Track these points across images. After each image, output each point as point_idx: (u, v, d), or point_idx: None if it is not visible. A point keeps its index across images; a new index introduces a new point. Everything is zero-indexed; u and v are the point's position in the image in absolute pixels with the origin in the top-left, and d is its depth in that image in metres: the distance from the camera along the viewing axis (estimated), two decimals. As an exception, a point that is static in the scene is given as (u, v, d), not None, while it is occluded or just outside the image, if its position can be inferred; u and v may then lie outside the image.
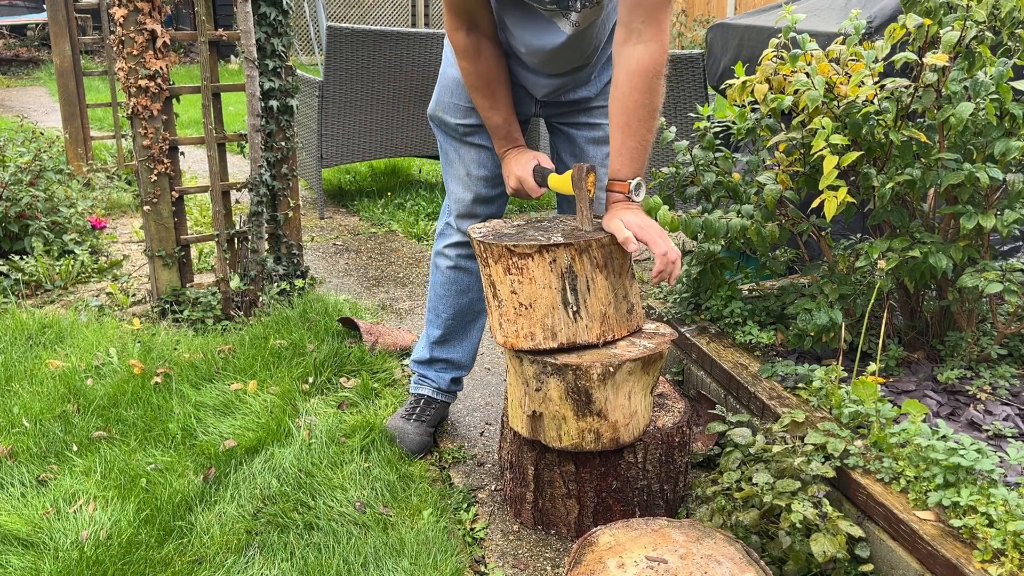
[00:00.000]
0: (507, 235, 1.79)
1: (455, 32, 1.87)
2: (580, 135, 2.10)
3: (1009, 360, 2.14)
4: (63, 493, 1.97)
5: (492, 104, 1.94)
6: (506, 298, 1.76)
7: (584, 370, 1.70)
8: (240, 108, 7.92)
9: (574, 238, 1.71)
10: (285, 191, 3.17)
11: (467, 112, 2.05)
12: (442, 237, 2.24)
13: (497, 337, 1.83)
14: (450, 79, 2.06)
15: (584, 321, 1.76)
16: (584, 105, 2.07)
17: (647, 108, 1.69)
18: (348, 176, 5.53)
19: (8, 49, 11.75)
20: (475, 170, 2.10)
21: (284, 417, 2.31)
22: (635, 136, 1.70)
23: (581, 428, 1.77)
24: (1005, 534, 1.40)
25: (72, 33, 4.63)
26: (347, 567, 1.75)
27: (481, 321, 2.32)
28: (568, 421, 1.77)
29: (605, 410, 1.74)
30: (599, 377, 1.71)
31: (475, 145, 2.09)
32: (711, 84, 3.34)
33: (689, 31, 9.76)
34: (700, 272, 2.45)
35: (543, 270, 1.71)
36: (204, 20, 2.83)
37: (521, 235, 1.79)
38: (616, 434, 1.78)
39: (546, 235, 1.77)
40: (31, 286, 3.35)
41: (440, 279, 2.25)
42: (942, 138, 1.96)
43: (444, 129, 2.11)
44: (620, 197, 1.74)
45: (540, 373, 1.76)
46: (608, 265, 1.75)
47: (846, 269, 2.12)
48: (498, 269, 1.75)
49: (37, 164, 3.83)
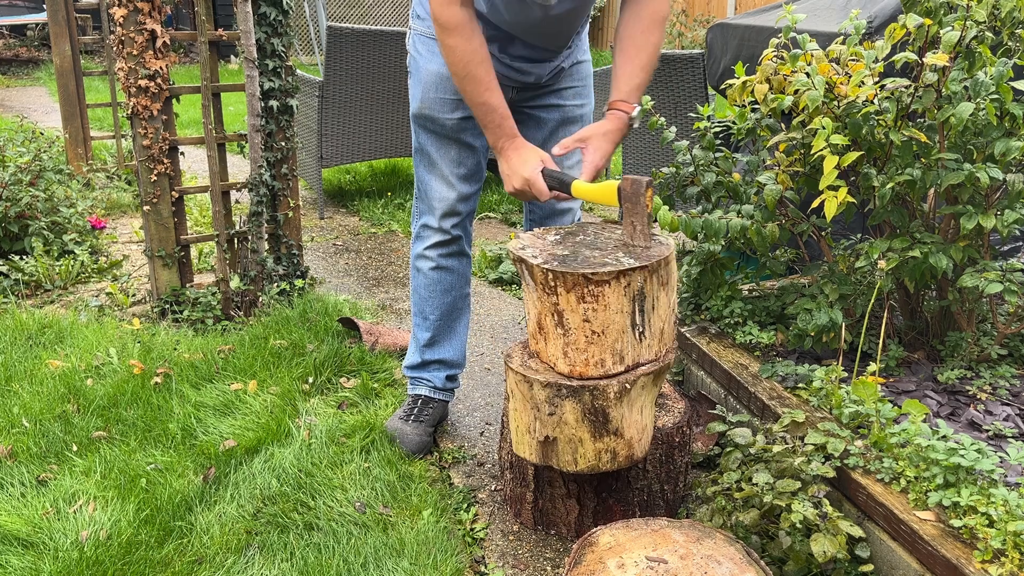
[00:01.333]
0: (563, 256, 1.70)
1: (448, 5, 1.76)
2: (550, 117, 2.11)
3: (1009, 360, 2.14)
4: (63, 493, 1.97)
5: (488, 86, 1.83)
6: (576, 327, 1.66)
7: (601, 390, 1.65)
8: (240, 108, 7.92)
9: (643, 258, 1.65)
10: (285, 191, 3.17)
11: (456, 105, 2.02)
12: (420, 240, 2.21)
13: (560, 366, 1.71)
14: (432, 75, 2.02)
15: (647, 340, 1.71)
16: (554, 86, 2.08)
17: (658, 48, 1.93)
18: (348, 176, 5.53)
19: (8, 49, 11.74)
20: (456, 169, 2.10)
21: (284, 417, 2.31)
22: (647, 71, 1.92)
23: (598, 449, 1.71)
24: (1005, 534, 1.40)
25: (72, 33, 4.63)
26: (347, 567, 1.75)
27: (466, 317, 2.33)
28: (585, 444, 1.71)
29: (621, 428, 1.70)
30: (616, 395, 1.66)
31: (460, 143, 2.08)
32: (711, 84, 3.34)
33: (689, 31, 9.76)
34: (700, 272, 2.44)
35: (618, 296, 1.63)
36: (204, 20, 2.83)
37: (576, 255, 1.70)
38: (631, 451, 1.74)
39: (602, 253, 1.70)
40: (31, 286, 3.35)
41: (424, 281, 2.24)
42: (942, 138, 1.96)
43: (430, 127, 2.08)
44: (624, 118, 1.89)
45: (554, 397, 1.68)
46: (668, 281, 1.72)
47: (846, 269, 2.12)
48: (570, 298, 1.64)
49: (37, 164, 3.83)
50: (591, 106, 2.22)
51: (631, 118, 1.89)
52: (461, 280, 2.26)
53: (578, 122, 2.17)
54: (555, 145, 1.92)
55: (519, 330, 3.11)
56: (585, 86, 2.17)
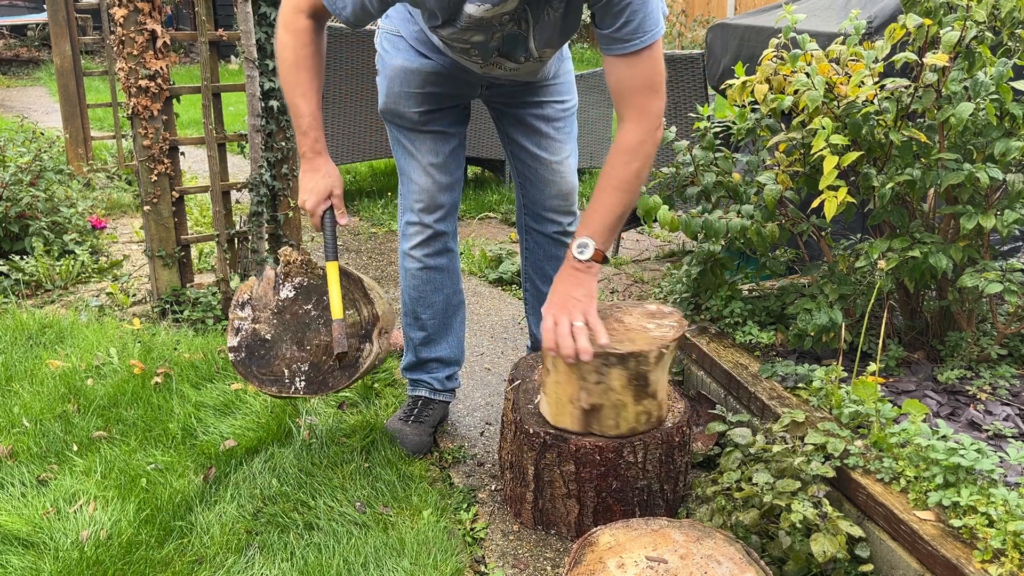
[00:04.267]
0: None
1: (297, 14, 1.77)
2: (529, 113, 2.10)
3: (1009, 360, 2.14)
4: (63, 493, 1.97)
5: (303, 91, 1.83)
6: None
7: (644, 355, 1.77)
8: (240, 108, 7.92)
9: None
10: (285, 191, 3.17)
11: (422, 99, 2.03)
12: (405, 238, 2.20)
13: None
14: (396, 69, 2.03)
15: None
16: (532, 87, 2.07)
17: (620, 180, 1.79)
18: (348, 176, 5.53)
19: (8, 49, 11.75)
20: (433, 158, 2.09)
21: (284, 417, 2.31)
22: (625, 208, 1.81)
23: (638, 412, 1.83)
24: (1005, 534, 1.40)
25: (72, 33, 4.63)
26: (347, 567, 1.75)
27: (461, 313, 2.32)
28: (628, 407, 1.82)
29: (656, 390, 1.83)
30: (655, 360, 1.78)
31: (434, 133, 2.08)
32: (711, 84, 3.34)
33: (689, 31, 9.76)
34: (700, 272, 2.44)
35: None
36: (204, 20, 2.83)
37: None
38: (661, 412, 1.87)
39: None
40: (31, 286, 3.35)
41: (413, 283, 2.22)
42: (942, 138, 1.96)
43: (399, 122, 2.09)
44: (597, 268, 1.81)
45: (602, 366, 1.77)
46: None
47: (846, 269, 2.12)
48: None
49: (37, 164, 3.83)
50: (574, 102, 2.20)
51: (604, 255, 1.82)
52: (451, 277, 2.25)
53: (561, 119, 2.16)
54: (309, 192, 1.87)
55: (519, 330, 3.11)
56: (565, 83, 2.16)
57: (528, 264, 2.38)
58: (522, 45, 1.84)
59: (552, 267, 2.28)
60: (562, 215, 2.26)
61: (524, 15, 1.75)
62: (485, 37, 1.79)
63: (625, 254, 4.04)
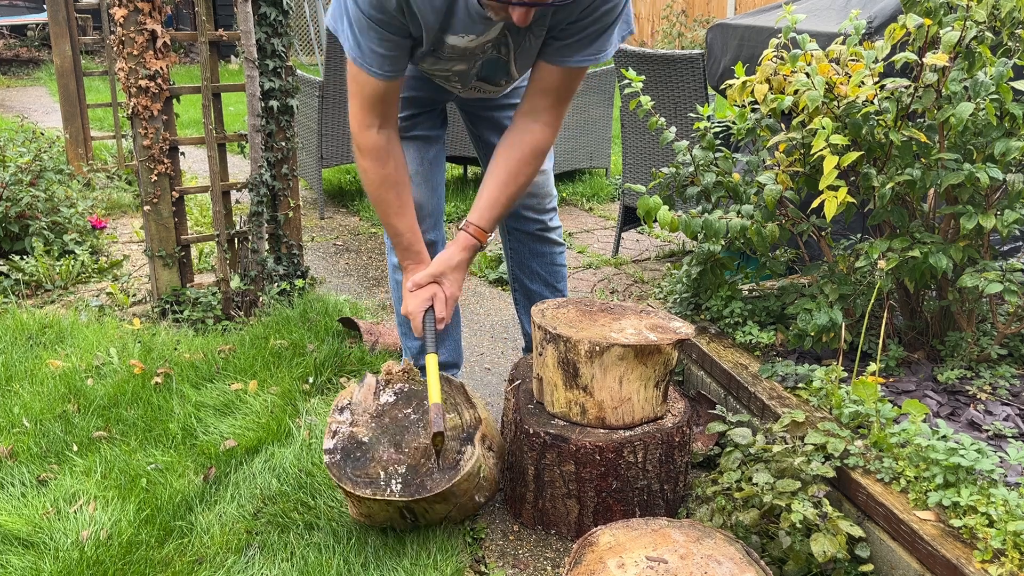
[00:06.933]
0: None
1: (366, 130, 1.82)
2: (505, 116, 2.11)
3: (1009, 360, 2.14)
4: (63, 493, 1.97)
5: (398, 210, 1.89)
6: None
7: (573, 344, 1.81)
8: (240, 108, 7.93)
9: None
10: (285, 191, 3.17)
11: (404, 104, 2.03)
12: (392, 250, 2.17)
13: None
14: None
15: None
16: (505, 92, 2.09)
17: (531, 180, 1.89)
18: (348, 176, 5.53)
19: (8, 49, 11.75)
20: (417, 166, 2.09)
21: (284, 417, 2.31)
22: (512, 202, 1.88)
23: (568, 399, 1.87)
24: (1005, 534, 1.41)
25: (72, 33, 4.63)
26: (347, 567, 1.75)
27: (456, 316, 2.32)
28: (559, 389, 1.88)
29: (591, 387, 1.83)
30: (586, 354, 1.80)
31: (414, 138, 2.08)
32: (711, 84, 3.34)
33: (689, 31, 9.77)
34: (700, 272, 2.44)
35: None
36: (204, 20, 2.83)
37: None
38: (602, 414, 1.85)
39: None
40: (31, 286, 3.35)
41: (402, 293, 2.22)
42: (942, 138, 1.96)
43: None
44: (476, 246, 1.86)
45: (543, 340, 1.87)
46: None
47: (846, 269, 2.12)
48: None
49: (37, 164, 3.83)
50: None
51: (483, 246, 1.87)
52: None
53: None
54: (410, 296, 1.91)
55: (519, 330, 3.11)
56: None
57: (514, 264, 2.39)
58: (503, 70, 1.86)
59: (538, 263, 2.30)
60: (541, 213, 2.27)
61: (505, 41, 1.76)
62: (467, 66, 1.82)
63: (625, 254, 4.04)
